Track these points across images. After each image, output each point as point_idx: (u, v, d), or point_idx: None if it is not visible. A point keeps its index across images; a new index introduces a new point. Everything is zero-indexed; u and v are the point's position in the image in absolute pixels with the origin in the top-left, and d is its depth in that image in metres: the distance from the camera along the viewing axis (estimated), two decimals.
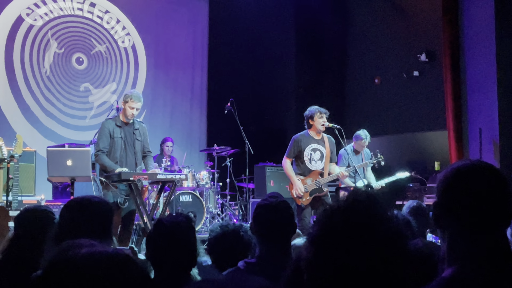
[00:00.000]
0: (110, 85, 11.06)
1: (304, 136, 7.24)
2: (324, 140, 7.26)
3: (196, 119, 12.02)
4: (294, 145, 7.19)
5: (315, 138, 7.23)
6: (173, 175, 6.74)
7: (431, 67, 10.51)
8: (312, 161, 7.17)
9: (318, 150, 7.21)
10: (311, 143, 7.19)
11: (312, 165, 7.17)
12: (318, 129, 7.17)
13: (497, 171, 1.74)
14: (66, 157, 6.34)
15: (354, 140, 8.50)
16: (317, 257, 1.26)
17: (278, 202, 3.05)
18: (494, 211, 1.68)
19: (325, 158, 7.20)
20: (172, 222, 2.66)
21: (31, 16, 10.19)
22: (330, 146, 7.27)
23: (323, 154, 7.21)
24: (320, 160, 7.19)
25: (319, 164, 7.18)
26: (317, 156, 7.19)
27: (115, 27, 11.18)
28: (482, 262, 1.63)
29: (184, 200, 9.11)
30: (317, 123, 7.15)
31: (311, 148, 7.19)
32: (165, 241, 2.61)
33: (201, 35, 12.15)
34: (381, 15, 11.50)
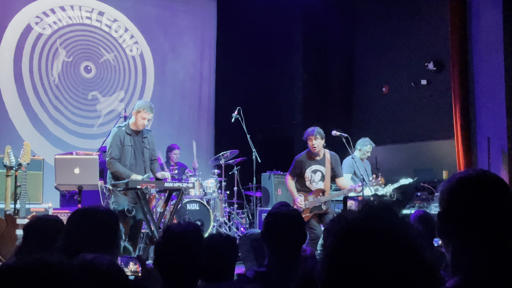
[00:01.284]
0: (118, 94, 11.09)
1: (305, 157, 7.29)
2: (326, 159, 7.26)
3: (203, 127, 12.03)
4: (296, 166, 7.30)
5: (316, 159, 7.26)
6: (180, 183, 6.75)
7: (439, 76, 10.49)
8: (313, 183, 7.24)
9: (319, 171, 7.25)
10: (312, 165, 7.24)
11: (313, 186, 7.23)
12: (311, 152, 7.23)
13: (500, 180, 1.73)
14: (74, 165, 6.36)
15: (359, 148, 8.56)
16: (332, 269, 1.24)
17: (290, 211, 3.04)
18: (499, 221, 1.67)
19: (326, 177, 7.24)
20: (182, 230, 2.65)
21: (40, 24, 10.25)
22: (331, 164, 7.28)
23: (323, 174, 7.25)
24: (321, 180, 7.24)
25: (320, 185, 7.23)
26: (318, 178, 7.24)
27: (123, 36, 11.22)
28: (487, 273, 1.62)
29: (191, 208, 9.09)
30: (310, 146, 7.22)
31: (312, 170, 7.24)
32: (174, 249, 2.60)
33: (208, 43, 12.18)
34: (388, 23, 11.50)
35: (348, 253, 1.22)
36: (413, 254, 1.23)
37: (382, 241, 1.21)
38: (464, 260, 1.66)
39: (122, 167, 6.38)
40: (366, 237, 1.22)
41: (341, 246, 1.24)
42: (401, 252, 1.21)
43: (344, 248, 1.23)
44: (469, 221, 1.67)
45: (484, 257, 1.64)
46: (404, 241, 1.23)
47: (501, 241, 1.67)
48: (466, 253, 1.67)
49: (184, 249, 2.59)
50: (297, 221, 3.01)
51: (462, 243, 1.68)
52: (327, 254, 1.25)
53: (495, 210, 1.67)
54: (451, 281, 1.66)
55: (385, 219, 1.25)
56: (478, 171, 1.76)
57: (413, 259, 1.22)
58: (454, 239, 1.71)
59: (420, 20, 10.96)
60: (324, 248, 1.27)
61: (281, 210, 3.01)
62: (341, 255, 1.23)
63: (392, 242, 1.21)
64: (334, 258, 1.24)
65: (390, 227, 1.24)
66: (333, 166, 7.28)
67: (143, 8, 11.43)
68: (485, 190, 1.69)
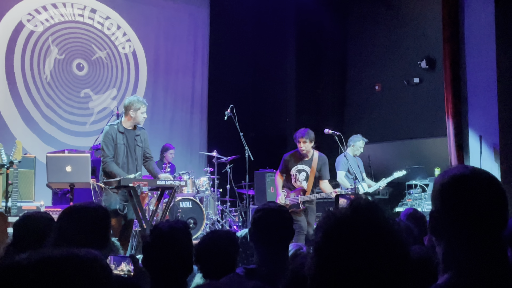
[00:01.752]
0: (111, 91, 11.06)
1: (292, 157, 7.43)
2: (313, 160, 7.36)
3: (196, 125, 12.02)
4: (283, 164, 7.48)
5: (303, 159, 7.36)
6: (173, 181, 6.74)
7: (431, 74, 10.51)
8: (297, 181, 7.39)
9: (304, 171, 7.38)
10: (298, 164, 7.38)
11: (297, 185, 7.37)
12: (299, 153, 7.34)
13: (492, 177, 1.74)
14: (66, 163, 6.34)
15: (351, 144, 8.55)
16: (321, 265, 1.27)
17: (277, 207, 3.05)
18: (491, 218, 1.67)
19: (309, 178, 7.35)
20: (170, 228, 2.65)
21: (31, 22, 10.20)
22: (317, 165, 7.37)
23: (308, 174, 7.37)
24: (305, 180, 7.38)
25: (304, 184, 7.36)
26: (302, 177, 7.38)
27: (115, 33, 11.19)
28: (478, 270, 1.63)
29: (184, 206, 9.09)
30: (298, 148, 7.32)
31: (297, 169, 7.39)
32: (162, 246, 2.60)
33: (201, 41, 12.16)
34: (381, 22, 11.52)
35: (335, 249, 1.26)
36: (398, 250, 1.27)
37: (368, 237, 1.25)
38: (456, 257, 1.67)
39: (117, 168, 6.36)
40: (352, 233, 1.26)
41: (329, 242, 1.27)
42: (386, 247, 1.25)
43: (332, 244, 1.27)
44: (461, 218, 1.67)
45: (475, 254, 1.65)
46: (389, 237, 1.27)
47: (493, 238, 1.67)
48: (458, 250, 1.67)
49: (172, 247, 2.59)
50: (284, 217, 3.02)
51: (454, 240, 1.68)
52: (315, 250, 1.29)
53: (487, 207, 1.67)
54: (442, 278, 1.67)
55: (371, 216, 1.29)
56: (470, 168, 1.76)
57: (398, 255, 1.26)
58: (446, 237, 1.71)
59: (412, 19, 10.98)
60: (313, 244, 1.30)
61: (268, 206, 3.03)
62: (329, 251, 1.26)
63: (377, 238, 1.25)
64: (322, 254, 1.27)
65: (376, 223, 1.28)
66: (318, 168, 7.38)
67: (135, 6, 11.40)
68: (477, 187, 1.69)
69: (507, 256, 1.67)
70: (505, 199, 1.71)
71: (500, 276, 1.63)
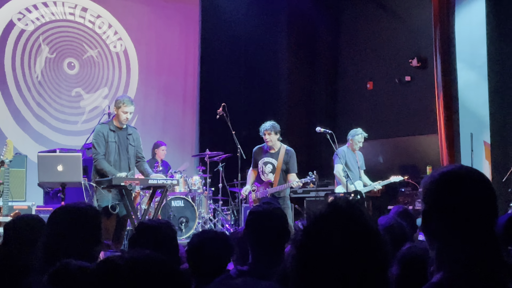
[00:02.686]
0: (102, 90, 11.03)
1: (260, 149, 7.62)
2: (280, 153, 7.46)
3: (188, 124, 12.00)
4: (253, 157, 7.69)
5: (270, 151, 7.50)
6: (165, 180, 6.73)
7: (422, 72, 10.55)
8: (264, 174, 7.52)
9: (270, 163, 7.50)
10: (264, 157, 7.53)
11: (264, 177, 7.50)
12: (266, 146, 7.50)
13: (481, 174, 1.76)
14: (57, 162, 6.32)
15: (350, 138, 8.47)
16: (301, 262, 1.32)
17: (272, 209, 3.03)
18: (482, 215, 1.69)
19: (276, 170, 7.44)
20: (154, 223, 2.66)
21: (22, 20, 10.16)
22: (284, 158, 7.47)
23: (274, 167, 7.45)
24: (272, 172, 7.48)
25: (271, 177, 7.46)
26: (268, 169, 7.50)
27: (107, 32, 11.16)
28: (471, 268, 1.64)
29: (176, 205, 9.08)
30: (264, 140, 7.49)
31: (263, 161, 7.53)
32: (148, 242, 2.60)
33: (193, 40, 12.14)
34: (373, 20, 11.55)
35: (315, 246, 1.31)
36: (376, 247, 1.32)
37: (347, 235, 1.30)
38: (449, 256, 1.68)
39: (108, 165, 6.35)
40: (331, 231, 1.31)
41: (308, 239, 1.33)
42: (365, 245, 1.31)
43: (312, 241, 1.32)
44: (453, 216, 1.68)
45: (468, 252, 1.66)
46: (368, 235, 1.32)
47: (485, 235, 1.68)
48: (450, 248, 1.68)
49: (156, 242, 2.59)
50: (279, 219, 3.00)
51: (446, 238, 1.69)
52: (296, 247, 1.34)
53: (478, 204, 1.69)
54: (436, 276, 1.68)
55: (350, 215, 1.34)
56: (460, 167, 1.77)
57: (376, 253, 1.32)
58: (438, 235, 1.72)
59: (404, 17, 11.02)
60: (293, 242, 1.35)
61: (262, 208, 3.00)
62: (308, 248, 1.32)
63: (356, 236, 1.31)
64: (302, 251, 1.32)
65: (354, 222, 1.33)
66: (286, 161, 7.46)
67: (126, 4, 11.37)
68: (468, 184, 1.70)
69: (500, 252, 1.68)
70: (495, 196, 1.73)
71: (494, 273, 1.64)
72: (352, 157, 8.36)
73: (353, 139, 8.42)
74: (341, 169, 8.16)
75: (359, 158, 8.50)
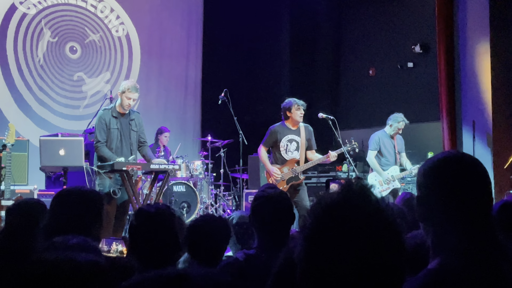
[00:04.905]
0: (104, 75, 11.01)
1: (281, 127, 7.28)
2: (300, 130, 7.28)
3: (190, 109, 11.99)
4: (270, 135, 7.26)
5: (292, 129, 7.26)
6: (167, 165, 6.73)
7: (425, 59, 10.52)
8: (288, 152, 7.22)
9: (294, 141, 7.24)
10: (288, 134, 7.23)
11: (289, 155, 7.20)
12: (296, 120, 7.20)
13: (475, 159, 1.76)
14: (59, 146, 6.32)
15: (390, 123, 8.08)
16: (310, 251, 1.25)
17: (277, 193, 3.03)
18: (477, 199, 1.69)
19: (301, 148, 7.24)
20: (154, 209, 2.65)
21: (24, 4, 10.12)
22: (306, 134, 7.28)
23: (299, 144, 7.24)
24: (296, 150, 7.23)
25: (296, 154, 7.21)
26: (293, 147, 7.23)
27: (109, 16, 11.12)
28: (468, 253, 1.64)
29: (177, 190, 9.10)
30: (295, 115, 7.18)
31: (287, 139, 7.23)
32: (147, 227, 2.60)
33: (195, 25, 12.10)
34: (375, 6, 11.49)
35: (326, 234, 1.23)
36: (391, 235, 1.24)
37: (360, 223, 1.22)
38: (445, 241, 1.68)
39: (108, 151, 6.35)
40: (343, 218, 1.23)
41: (319, 228, 1.25)
42: (378, 233, 1.23)
43: (322, 230, 1.24)
44: (448, 201, 1.68)
45: (464, 238, 1.66)
46: (381, 222, 1.24)
47: (480, 222, 1.69)
48: (447, 234, 1.68)
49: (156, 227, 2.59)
50: (284, 203, 3.00)
51: (442, 224, 1.70)
52: (306, 236, 1.26)
53: (474, 191, 1.69)
54: (433, 263, 1.68)
55: (362, 201, 1.26)
56: (454, 153, 1.78)
57: (391, 241, 1.24)
58: (434, 221, 1.72)
59: (407, 3, 10.96)
60: (303, 230, 1.27)
61: (268, 193, 3.00)
62: (319, 236, 1.24)
63: (369, 223, 1.23)
64: (313, 239, 1.25)
65: (367, 208, 1.25)
66: (307, 137, 7.28)
67: None
68: (462, 169, 1.70)
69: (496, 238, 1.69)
70: (489, 180, 1.73)
71: (490, 258, 1.64)
72: (389, 143, 8.02)
73: (392, 125, 8.03)
74: (373, 156, 7.91)
75: (398, 142, 8.14)
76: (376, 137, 8.00)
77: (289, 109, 7.21)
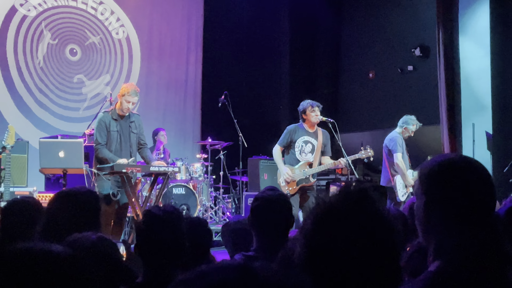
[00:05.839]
0: (104, 77, 11.01)
1: (298, 128, 7.22)
2: (318, 133, 7.24)
3: (190, 111, 11.99)
4: (287, 135, 7.20)
5: (309, 131, 7.21)
6: (166, 167, 6.73)
7: (425, 62, 10.52)
8: (302, 153, 7.16)
9: (310, 143, 7.19)
10: (304, 135, 7.17)
11: (302, 157, 7.15)
12: (312, 122, 7.15)
13: (478, 163, 1.75)
14: (59, 148, 6.32)
15: (404, 126, 7.87)
16: (310, 252, 1.28)
17: (277, 195, 3.02)
18: (481, 205, 1.68)
19: (316, 151, 7.20)
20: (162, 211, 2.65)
21: (24, 6, 10.13)
22: (323, 139, 7.24)
23: (314, 147, 7.21)
24: (311, 153, 7.17)
25: (309, 157, 7.16)
26: (308, 149, 7.17)
27: (109, 18, 11.12)
28: (469, 256, 1.64)
29: (177, 192, 9.10)
30: (310, 117, 7.13)
31: (303, 140, 7.17)
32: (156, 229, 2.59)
33: (195, 27, 12.10)
34: (375, 9, 11.50)
35: (325, 236, 1.27)
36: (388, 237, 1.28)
37: (358, 225, 1.27)
38: (446, 245, 1.68)
39: (109, 153, 6.36)
40: (342, 221, 1.27)
41: (318, 228, 1.29)
42: (375, 235, 1.27)
43: (322, 231, 1.28)
44: (452, 204, 1.68)
45: (465, 241, 1.66)
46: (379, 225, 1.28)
47: (482, 223, 1.68)
48: (448, 238, 1.68)
49: (165, 230, 2.59)
50: (284, 205, 3.00)
51: (444, 227, 1.69)
52: (305, 236, 1.30)
53: (477, 194, 1.68)
54: (434, 265, 1.67)
55: (361, 204, 1.30)
56: (457, 156, 1.77)
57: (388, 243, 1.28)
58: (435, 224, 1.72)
59: (407, 6, 10.96)
60: (303, 230, 1.31)
61: (268, 195, 3.00)
62: (318, 238, 1.28)
63: (367, 225, 1.27)
64: (312, 241, 1.29)
65: (366, 211, 1.29)
66: (324, 142, 7.23)
67: None
68: (465, 173, 1.70)
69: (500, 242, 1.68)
70: (492, 184, 1.72)
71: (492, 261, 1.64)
72: (404, 145, 7.86)
73: (407, 128, 7.82)
74: (401, 157, 7.65)
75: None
76: (398, 139, 7.77)
77: (303, 111, 7.19)
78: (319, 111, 7.17)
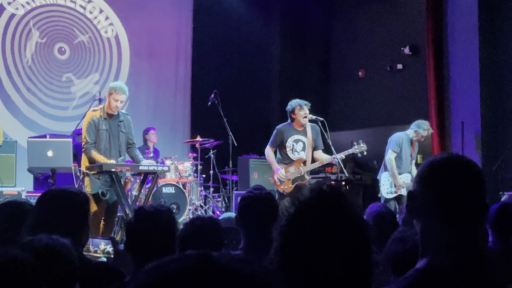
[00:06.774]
0: (93, 76, 10.96)
1: (287, 127, 7.24)
2: (307, 130, 7.26)
3: (179, 110, 11.95)
4: (277, 135, 7.23)
5: (298, 129, 7.23)
6: (156, 166, 6.71)
7: (414, 61, 10.55)
8: (294, 152, 7.19)
9: (301, 141, 7.22)
10: (294, 134, 7.20)
11: (295, 155, 7.18)
12: (300, 122, 7.17)
13: (473, 164, 1.75)
14: (47, 147, 6.29)
15: (415, 129, 7.79)
16: (284, 246, 1.35)
17: (263, 193, 3.03)
18: (466, 205, 1.68)
19: (307, 148, 7.22)
20: (154, 209, 2.64)
21: (12, 4, 10.06)
22: (312, 135, 7.26)
23: (305, 144, 7.22)
24: (303, 150, 7.20)
25: (302, 155, 7.19)
26: (299, 147, 7.20)
27: (98, 17, 11.07)
28: (453, 255, 1.64)
29: (167, 191, 9.06)
30: (298, 116, 7.15)
31: (294, 139, 7.20)
32: (147, 227, 2.58)
33: (185, 26, 12.06)
34: (365, 7, 11.51)
35: (297, 232, 1.34)
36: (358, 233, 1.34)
37: (328, 222, 1.33)
38: (432, 241, 1.68)
39: (97, 153, 6.32)
40: (312, 217, 1.34)
41: (291, 224, 1.36)
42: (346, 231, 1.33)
43: (294, 228, 1.35)
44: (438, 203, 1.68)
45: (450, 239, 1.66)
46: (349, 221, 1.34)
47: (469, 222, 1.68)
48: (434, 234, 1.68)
49: (156, 228, 2.58)
50: (270, 204, 3.01)
51: (430, 224, 1.70)
52: (280, 232, 1.37)
53: (464, 193, 1.69)
54: (420, 262, 1.69)
55: (332, 201, 1.36)
56: (450, 155, 1.78)
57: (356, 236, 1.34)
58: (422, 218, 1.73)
59: (396, 5, 10.99)
60: (278, 228, 1.39)
61: (254, 194, 3.01)
62: (292, 232, 1.35)
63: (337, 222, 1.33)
64: (286, 235, 1.35)
65: (336, 208, 1.35)
66: (314, 138, 7.25)
67: None
68: (455, 173, 1.70)
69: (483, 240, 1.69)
70: (483, 183, 1.72)
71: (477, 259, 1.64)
72: (408, 147, 7.77)
73: (417, 131, 7.74)
74: (393, 156, 7.64)
75: (415, 149, 7.94)
76: (399, 138, 7.73)
77: (292, 111, 7.21)
78: (308, 109, 7.18)
